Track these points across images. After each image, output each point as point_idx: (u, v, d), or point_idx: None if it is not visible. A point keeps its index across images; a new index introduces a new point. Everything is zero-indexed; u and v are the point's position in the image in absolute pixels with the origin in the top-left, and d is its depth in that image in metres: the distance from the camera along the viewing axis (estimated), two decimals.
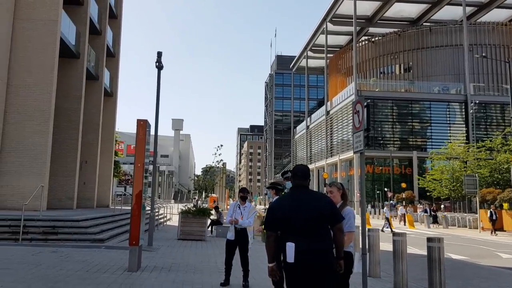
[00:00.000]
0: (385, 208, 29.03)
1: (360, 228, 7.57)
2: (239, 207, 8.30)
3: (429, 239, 7.46)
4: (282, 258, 4.43)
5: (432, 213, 35.52)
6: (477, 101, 53.81)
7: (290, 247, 4.25)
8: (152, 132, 13.10)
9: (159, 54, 15.13)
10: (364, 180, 8.00)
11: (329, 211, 4.42)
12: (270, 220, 4.76)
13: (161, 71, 15.08)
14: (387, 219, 27.25)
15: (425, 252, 8.68)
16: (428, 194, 45.85)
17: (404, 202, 47.71)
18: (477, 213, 31.40)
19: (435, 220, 34.78)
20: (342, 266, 4.60)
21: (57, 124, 21.61)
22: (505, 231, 28.48)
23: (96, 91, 27.39)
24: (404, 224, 34.59)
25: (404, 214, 36.12)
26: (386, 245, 13.04)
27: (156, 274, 9.04)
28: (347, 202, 5.27)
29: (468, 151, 42.74)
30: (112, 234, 15.17)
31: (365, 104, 7.10)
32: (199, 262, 11.00)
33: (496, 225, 27.94)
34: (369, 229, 9.61)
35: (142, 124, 9.92)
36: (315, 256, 4.23)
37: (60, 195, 22.18)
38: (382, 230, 25.11)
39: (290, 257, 4.24)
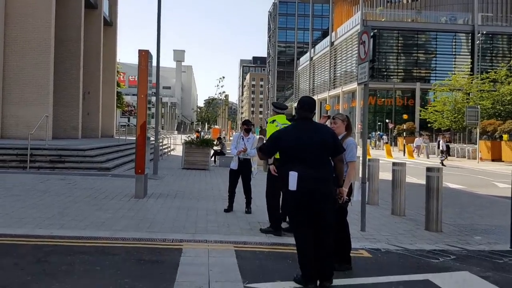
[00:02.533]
0: (441, 141, 28.53)
1: (361, 158, 7.74)
2: (243, 139, 8.45)
3: (428, 169, 7.66)
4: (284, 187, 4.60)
5: (445, 144, 33.88)
6: (484, 32, 52.50)
7: (293, 175, 4.40)
8: (154, 63, 13.02)
9: None
10: (367, 111, 8.06)
11: (332, 143, 4.54)
12: (271, 148, 4.89)
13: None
14: (442, 152, 27.03)
15: (423, 182, 8.93)
16: (429, 125, 46.04)
17: (404, 133, 48.08)
18: (476, 144, 31.73)
19: (448, 152, 32.33)
20: (343, 194, 4.79)
21: (57, 55, 21.36)
22: (503, 161, 28.90)
23: (95, 20, 26.77)
24: (418, 155, 34.58)
25: (419, 146, 35.76)
26: (385, 175, 13.34)
27: (162, 201, 9.37)
28: (350, 134, 5.35)
29: (471, 82, 42.39)
30: (118, 163, 15.50)
31: (371, 34, 7.00)
32: (203, 190, 11.34)
33: (495, 156, 28.33)
34: (369, 159, 9.82)
35: (144, 55, 9.83)
36: (317, 184, 4.40)
37: (64, 125, 22.41)
38: (442, 164, 25.21)
39: (293, 185, 4.40)
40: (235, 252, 5.63)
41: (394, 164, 9.24)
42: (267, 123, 7.30)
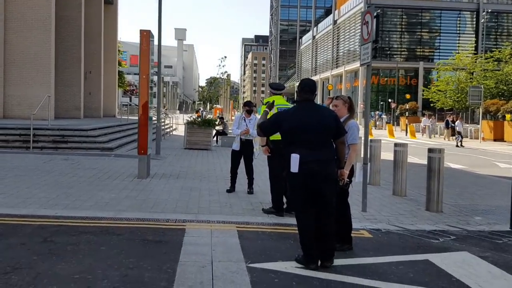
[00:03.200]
0: (457, 122, 28.38)
1: (363, 139, 7.77)
2: (245, 120, 8.47)
3: (430, 150, 7.69)
4: (285, 169, 4.64)
5: (452, 124, 32.22)
6: (489, 10, 51.83)
7: (295, 158, 4.44)
8: (156, 42, 12.94)
9: None
10: (369, 92, 8.05)
11: (334, 125, 4.56)
12: (270, 128, 4.92)
13: None
14: (460, 133, 26.90)
15: (424, 162, 8.96)
16: (432, 105, 45.87)
17: (407, 113, 47.98)
18: (479, 124, 31.65)
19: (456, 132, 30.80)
20: (345, 175, 4.83)
21: (58, 34, 21.23)
22: (505, 141, 28.88)
23: None
24: (428, 136, 34.38)
25: (426, 125, 35.36)
26: (387, 155, 13.36)
27: (165, 181, 9.44)
28: (353, 116, 5.35)
29: (475, 62, 42.07)
30: (120, 143, 15.56)
31: (375, 14, 6.94)
32: (205, 170, 11.41)
33: (497, 135, 28.29)
34: (371, 140, 9.84)
35: (146, 35, 9.78)
36: (318, 165, 4.44)
37: (66, 105, 22.40)
38: (461, 145, 25.18)
39: (294, 167, 4.44)
40: (238, 232, 5.71)
41: (396, 144, 9.26)
42: (262, 104, 7.27)
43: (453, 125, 32.21)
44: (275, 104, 6.20)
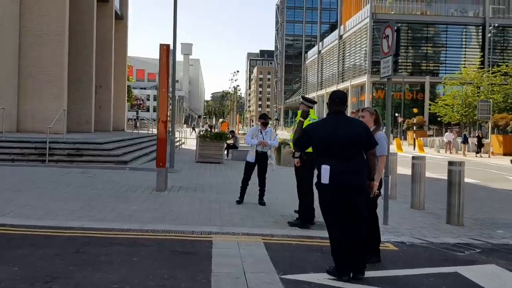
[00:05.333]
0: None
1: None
2: (261, 132, 8.57)
3: (450, 163, 7.73)
4: (316, 180, 4.69)
5: (474, 139, 31.11)
6: (496, 24, 52.10)
7: (325, 169, 4.49)
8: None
9: None
10: (390, 106, 8.11)
11: (365, 137, 4.62)
12: (305, 142, 4.98)
13: None
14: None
15: (436, 175, 8.98)
16: (439, 119, 45.89)
17: (414, 127, 47.98)
18: (487, 138, 31.61)
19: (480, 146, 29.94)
20: (374, 187, 4.88)
21: (71, 49, 21.49)
22: None
23: (107, 13, 26.86)
24: (450, 152, 32.05)
25: (450, 141, 32.48)
26: (399, 169, 13.35)
27: (184, 194, 9.50)
28: (380, 128, 5.42)
29: (482, 76, 42.18)
30: (134, 156, 15.66)
31: (395, 28, 7.05)
32: (221, 183, 11.46)
33: (507, 150, 28.26)
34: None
35: (165, 49, 9.91)
36: (349, 177, 4.49)
37: (78, 119, 22.55)
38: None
39: (325, 178, 4.49)
40: (264, 244, 5.75)
41: (414, 158, 9.30)
42: (295, 116, 7.34)
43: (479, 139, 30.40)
44: (311, 117, 6.28)
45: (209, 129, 19.08)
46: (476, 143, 28.89)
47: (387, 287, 4.45)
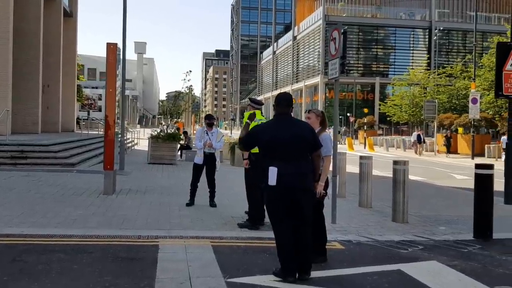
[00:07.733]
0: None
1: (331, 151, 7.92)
2: (207, 133, 8.51)
3: (395, 162, 7.94)
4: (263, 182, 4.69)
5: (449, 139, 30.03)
6: (441, 28, 54.26)
7: (273, 171, 4.50)
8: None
9: None
10: (338, 106, 8.26)
11: (310, 138, 4.66)
12: (249, 142, 4.99)
13: None
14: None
15: (384, 174, 9.22)
16: (388, 119, 47.32)
17: (365, 126, 49.23)
18: (433, 137, 32.80)
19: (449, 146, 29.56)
20: (319, 188, 4.94)
21: (16, 47, 20.58)
22: (459, 153, 30.03)
23: (55, 11, 25.92)
24: (418, 153, 30.27)
25: (416, 140, 31.34)
26: (349, 167, 13.61)
27: (132, 197, 9.29)
28: (325, 129, 5.48)
29: (428, 77, 43.81)
30: (82, 159, 15.18)
31: (342, 31, 7.17)
32: (173, 185, 11.30)
33: (451, 148, 29.32)
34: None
35: (112, 48, 9.66)
36: (296, 179, 4.51)
37: (24, 120, 21.64)
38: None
39: (272, 180, 4.49)
40: (212, 247, 5.69)
41: (361, 157, 9.51)
42: (242, 117, 7.35)
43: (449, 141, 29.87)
44: (257, 118, 6.29)
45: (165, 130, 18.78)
46: (445, 143, 29.51)
47: (332, 287, 4.50)
